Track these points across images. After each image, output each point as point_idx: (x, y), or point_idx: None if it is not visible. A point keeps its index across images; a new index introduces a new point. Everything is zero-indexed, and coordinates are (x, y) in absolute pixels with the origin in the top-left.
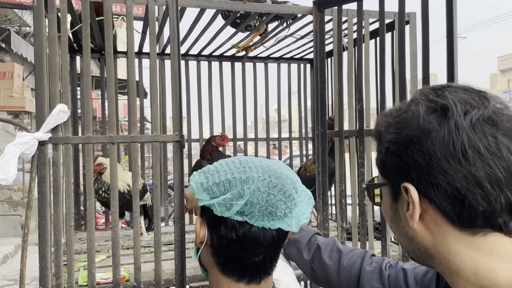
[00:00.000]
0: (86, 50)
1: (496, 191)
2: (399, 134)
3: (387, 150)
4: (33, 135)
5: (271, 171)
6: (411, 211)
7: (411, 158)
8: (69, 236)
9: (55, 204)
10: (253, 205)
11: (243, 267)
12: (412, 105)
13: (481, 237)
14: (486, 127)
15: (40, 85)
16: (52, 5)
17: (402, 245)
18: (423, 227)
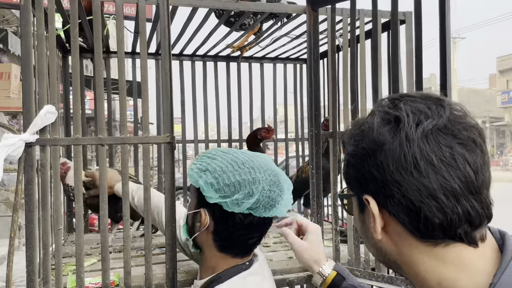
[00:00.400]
0: (75, 50)
1: (452, 202)
2: (357, 147)
3: (348, 163)
4: (19, 137)
5: (269, 169)
6: (373, 223)
7: (367, 171)
8: (57, 240)
9: (43, 207)
10: (259, 202)
11: (241, 247)
12: (369, 117)
13: (443, 248)
14: (441, 137)
15: (27, 86)
16: (40, 4)
17: (373, 254)
18: (388, 239)
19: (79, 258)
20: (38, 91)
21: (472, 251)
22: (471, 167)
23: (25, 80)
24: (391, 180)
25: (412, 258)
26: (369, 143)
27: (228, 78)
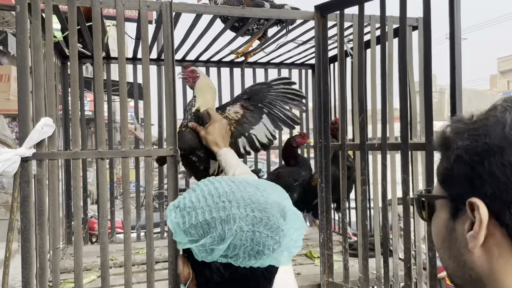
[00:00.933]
0: (73, 59)
1: None
2: (476, 141)
3: (458, 158)
4: (15, 151)
5: (254, 203)
6: (476, 231)
7: (488, 171)
8: (54, 260)
9: (39, 225)
10: (237, 247)
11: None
12: (496, 111)
13: None
14: None
15: (23, 97)
16: (36, 11)
17: (449, 268)
18: (483, 252)
19: (78, 278)
20: (35, 102)
21: None
22: None
23: (20, 92)
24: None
25: (504, 277)
26: (496, 139)
27: (232, 83)
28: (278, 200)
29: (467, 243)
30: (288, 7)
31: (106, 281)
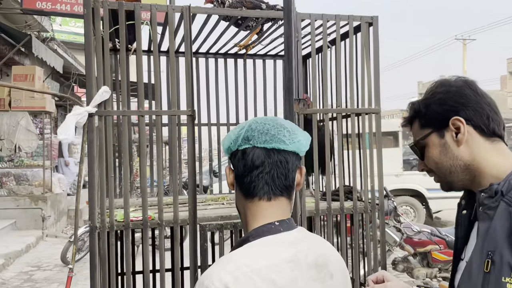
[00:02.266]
0: (122, 47)
1: (498, 115)
2: (448, 91)
3: (440, 101)
4: (84, 109)
5: (268, 119)
6: (462, 132)
7: (467, 98)
8: (109, 185)
9: (99, 160)
10: (253, 130)
11: (255, 188)
12: (442, 86)
13: (495, 143)
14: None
15: (89, 73)
16: (98, 15)
17: (445, 172)
18: (465, 146)
19: (126, 198)
20: (97, 76)
21: (504, 145)
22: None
23: (87, 69)
24: (480, 104)
25: (481, 156)
26: (457, 88)
27: (236, 72)
28: (295, 128)
29: (456, 145)
30: (279, 7)
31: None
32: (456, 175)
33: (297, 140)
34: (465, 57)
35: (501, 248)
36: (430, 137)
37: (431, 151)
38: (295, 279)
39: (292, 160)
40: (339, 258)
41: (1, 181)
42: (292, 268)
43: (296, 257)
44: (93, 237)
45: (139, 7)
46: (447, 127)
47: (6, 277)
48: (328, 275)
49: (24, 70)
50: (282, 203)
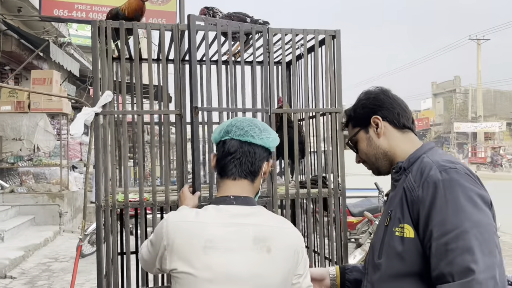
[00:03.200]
0: (122, 58)
1: (408, 112)
2: (368, 98)
3: (363, 106)
4: (92, 109)
5: (246, 119)
6: (380, 127)
7: (381, 102)
8: (112, 173)
9: (104, 152)
10: (233, 126)
11: (226, 169)
12: (365, 94)
13: (406, 133)
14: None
15: (96, 79)
16: (103, 32)
17: (372, 159)
18: (384, 137)
19: (126, 185)
20: (101, 82)
21: (414, 136)
22: (403, 103)
23: (94, 75)
24: (392, 104)
25: (394, 144)
26: (377, 94)
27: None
28: (259, 124)
29: (377, 138)
30: (261, 21)
31: (141, 185)
32: (380, 161)
33: (265, 136)
34: (479, 57)
35: (395, 207)
36: (359, 134)
37: (361, 145)
38: (227, 239)
39: (259, 152)
40: (288, 238)
41: (21, 179)
42: (225, 231)
43: (235, 225)
44: (99, 214)
45: (136, 25)
46: (370, 124)
47: (25, 268)
48: (264, 248)
49: (42, 74)
50: (244, 184)
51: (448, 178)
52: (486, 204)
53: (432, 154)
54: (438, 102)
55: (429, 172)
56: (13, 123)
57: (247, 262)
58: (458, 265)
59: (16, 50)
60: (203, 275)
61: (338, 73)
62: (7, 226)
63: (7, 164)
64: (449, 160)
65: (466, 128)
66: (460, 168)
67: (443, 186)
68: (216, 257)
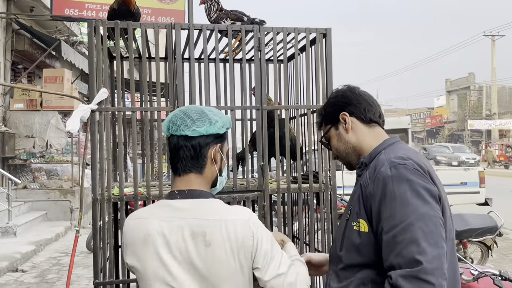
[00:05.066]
0: (118, 57)
1: (375, 107)
2: (336, 96)
3: (332, 104)
4: (88, 106)
5: (191, 107)
6: (348, 122)
7: (347, 100)
8: (108, 167)
9: (100, 146)
10: (169, 121)
11: (173, 166)
12: (333, 93)
13: (373, 128)
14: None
15: (92, 78)
16: (98, 32)
17: (343, 154)
18: (352, 132)
19: (121, 179)
20: (97, 81)
21: (381, 130)
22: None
23: (90, 74)
24: (358, 100)
25: (362, 138)
26: (344, 93)
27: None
28: (206, 111)
29: (346, 133)
30: (257, 20)
31: (135, 180)
32: (350, 156)
33: (197, 126)
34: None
35: (354, 202)
36: (330, 131)
37: (332, 141)
38: (164, 233)
39: (198, 142)
40: (232, 231)
41: (34, 175)
42: (163, 225)
43: (175, 219)
44: (95, 207)
45: (131, 25)
46: (339, 121)
47: (37, 261)
48: (202, 242)
49: (54, 73)
50: (190, 178)
51: (396, 174)
52: (433, 197)
53: (391, 149)
54: (452, 99)
55: (380, 169)
56: (26, 120)
57: (183, 256)
58: (405, 256)
59: (29, 49)
60: (145, 269)
61: (329, 70)
62: (20, 221)
63: (20, 161)
64: (401, 156)
65: (480, 125)
66: (410, 164)
67: (392, 181)
68: (152, 251)
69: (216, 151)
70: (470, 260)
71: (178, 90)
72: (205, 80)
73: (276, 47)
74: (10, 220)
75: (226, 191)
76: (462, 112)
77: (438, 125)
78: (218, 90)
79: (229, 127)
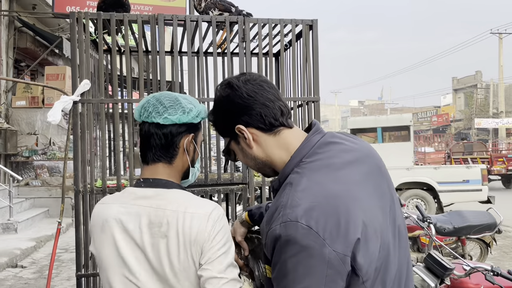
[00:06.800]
0: (100, 48)
1: (272, 104)
2: (221, 105)
3: (220, 113)
4: (70, 97)
5: (165, 93)
6: (247, 137)
7: (235, 110)
8: (91, 159)
9: (82, 138)
10: (142, 107)
11: (142, 154)
12: (215, 103)
13: (278, 135)
14: (250, 83)
15: (74, 70)
16: (80, 23)
17: (256, 169)
18: (256, 145)
19: (104, 171)
20: (80, 73)
21: (290, 133)
22: (273, 89)
23: (73, 67)
24: (250, 105)
25: (270, 151)
26: (229, 97)
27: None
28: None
29: (249, 148)
30: (245, 12)
31: (118, 171)
32: (263, 169)
33: (169, 114)
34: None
35: None
36: (230, 144)
37: (239, 156)
38: (122, 220)
39: (169, 131)
40: (189, 224)
41: (36, 172)
42: (121, 211)
43: (134, 206)
44: (77, 198)
45: (114, 16)
46: (237, 135)
47: (36, 258)
48: (159, 234)
49: (55, 70)
50: (158, 167)
51: (284, 235)
52: (326, 264)
53: (301, 173)
54: (458, 97)
55: (272, 222)
56: (28, 118)
57: (139, 245)
58: None
59: (31, 47)
60: (101, 255)
61: (315, 62)
62: (21, 217)
63: (22, 158)
64: (302, 197)
65: (487, 124)
66: (303, 219)
67: (279, 244)
68: (108, 237)
69: (189, 141)
70: (468, 258)
71: (161, 83)
72: (189, 73)
73: (265, 40)
74: (11, 217)
75: (210, 183)
76: (469, 110)
77: (445, 124)
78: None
79: (204, 117)
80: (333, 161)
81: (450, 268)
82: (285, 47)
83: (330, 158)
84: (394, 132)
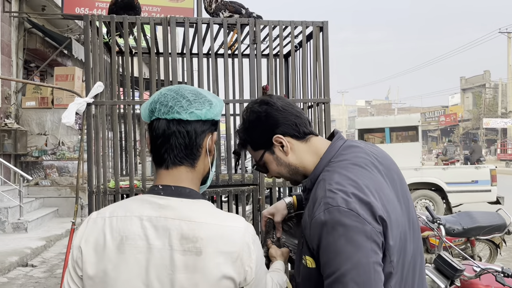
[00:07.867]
0: (113, 51)
1: (302, 116)
2: (260, 118)
3: (257, 127)
4: (84, 99)
5: (184, 86)
6: (286, 145)
7: (274, 122)
8: (104, 159)
9: (96, 140)
10: (156, 102)
11: (158, 157)
12: (252, 113)
13: (309, 142)
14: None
15: (88, 72)
16: (94, 25)
17: (286, 177)
18: (292, 153)
19: (116, 170)
20: (94, 74)
21: (317, 139)
22: (295, 109)
23: (87, 69)
24: (286, 117)
25: (302, 157)
26: (265, 113)
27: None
28: (200, 91)
29: (285, 156)
30: (255, 14)
31: (131, 171)
32: (295, 176)
33: (196, 108)
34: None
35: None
36: (264, 156)
37: (270, 166)
38: (145, 236)
39: (194, 128)
40: (228, 243)
41: (46, 172)
42: (145, 225)
43: (158, 219)
44: (91, 199)
45: (126, 19)
46: (273, 144)
47: (46, 257)
48: (193, 250)
49: (65, 71)
50: (181, 172)
51: (330, 219)
52: (369, 239)
53: (332, 172)
54: (466, 97)
55: (315, 212)
56: (38, 118)
57: (166, 264)
58: None
59: (41, 48)
60: (115, 279)
61: (325, 63)
62: (31, 217)
63: (32, 158)
64: (337, 188)
65: (496, 124)
66: (345, 202)
67: (326, 228)
68: (128, 258)
69: (212, 140)
70: (478, 259)
71: (173, 84)
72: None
73: (275, 41)
74: (21, 216)
75: (221, 184)
76: (477, 110)
77: (453, 124)
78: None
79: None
80: (356, 160)
81: (460, 269)
82: (295, 49)
83: (354, 158)
84: (402, 132)
